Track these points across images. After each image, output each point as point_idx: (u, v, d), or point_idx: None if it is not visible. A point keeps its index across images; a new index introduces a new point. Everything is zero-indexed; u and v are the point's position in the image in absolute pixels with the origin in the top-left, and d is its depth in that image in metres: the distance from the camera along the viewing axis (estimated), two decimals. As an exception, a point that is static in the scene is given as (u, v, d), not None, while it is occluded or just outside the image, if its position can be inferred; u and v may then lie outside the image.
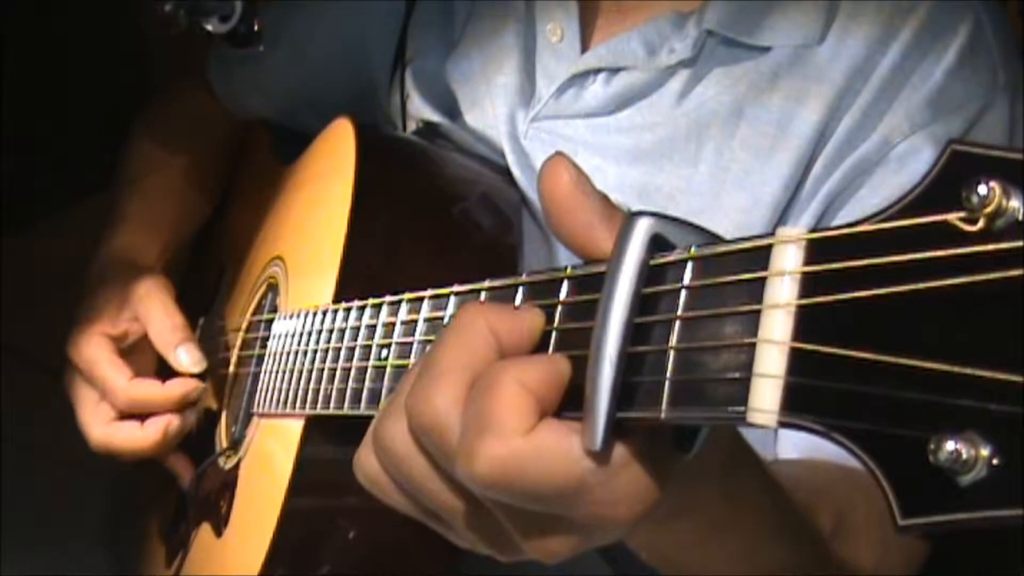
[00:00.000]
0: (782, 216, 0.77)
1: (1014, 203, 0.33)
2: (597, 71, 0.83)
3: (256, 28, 0.76)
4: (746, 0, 0.78)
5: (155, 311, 0.90)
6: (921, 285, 0.34)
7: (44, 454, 1.02)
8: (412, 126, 0.93)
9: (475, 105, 0.89)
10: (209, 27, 0.75)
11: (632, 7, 0.83)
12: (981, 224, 0.34)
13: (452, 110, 0.91)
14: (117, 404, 0.87)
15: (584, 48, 0.85)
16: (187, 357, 0.88)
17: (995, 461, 0.33)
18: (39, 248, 1.22)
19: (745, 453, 0.52)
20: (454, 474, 0.43)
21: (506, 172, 0.84)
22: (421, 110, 0.91)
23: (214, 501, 0.83)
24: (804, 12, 0.77)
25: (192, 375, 0.88)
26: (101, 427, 0.88)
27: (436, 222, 0.79)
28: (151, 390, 0.87)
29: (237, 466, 0.81)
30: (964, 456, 0.33)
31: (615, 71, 0.83)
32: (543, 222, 0.82)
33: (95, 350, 0.88)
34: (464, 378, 0.43)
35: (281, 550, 0.72)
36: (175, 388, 0.87)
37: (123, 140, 1.08)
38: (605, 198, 0.46)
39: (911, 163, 0.73)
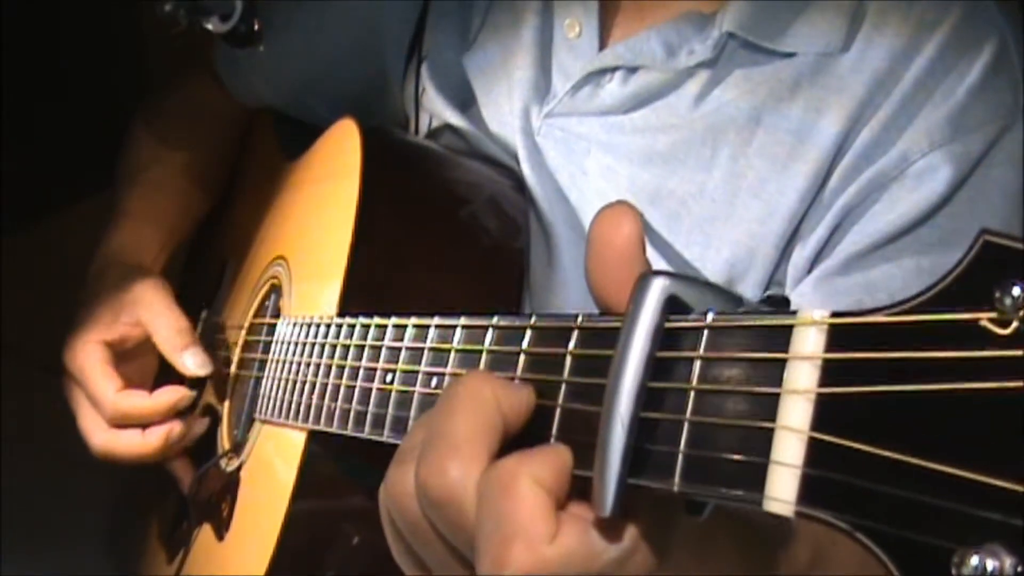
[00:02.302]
0: (797, 229, 0.76)
1: (1048, 302, 0.32)
2: (614, 69, 0.81)
3: (256, 27, 0.75)
4: (769, 2, 0.76)
5: (159, 315, 0.88)
6: (947, 386, 0.33)
7: (44, 454, 1.02)
8: (425, 119, 0.91)
9: (491, 100, 0.87)
10: (209, 26, 0.73)
11: (652, 6, 0.81)
12: (1015, 327, 0.32)
13: (467, 104, 0.89)
14: (105, 416, 0.85)
15: (602, 46, 0.83)
16: (193, 361, 0.87)
17: (1020, 568, 0.32)
18: (39, 248, 1.21)
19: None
20: (466, 545, 0.43)
21: (515, 176, 0.83)
22: (435, 103, 0.89)
23: (215, 503, 0.82)
24: (828, 19, 0.75)
25: (192, 381, 0.87)
26: (102, 434, 0.86)
27: (443, 228, 0.77)
28: (139, 402, 0.85)
29: (239, 469, 0.81)
30: (989, 570, 0.32)
31: (632, 70, 0.81)
32: (547, 221, 0.81)
33: (87, 359, 0.86)
34: (481, 451, 0.43)
35: (285, 557, 0.72)
36: (163, 398, 0.86)
37: (123, 140, 1.06)
38: (648, 262, 0.45)
39: (928, 181, 0.71)
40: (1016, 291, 0.32)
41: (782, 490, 0.37)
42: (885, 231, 0.72)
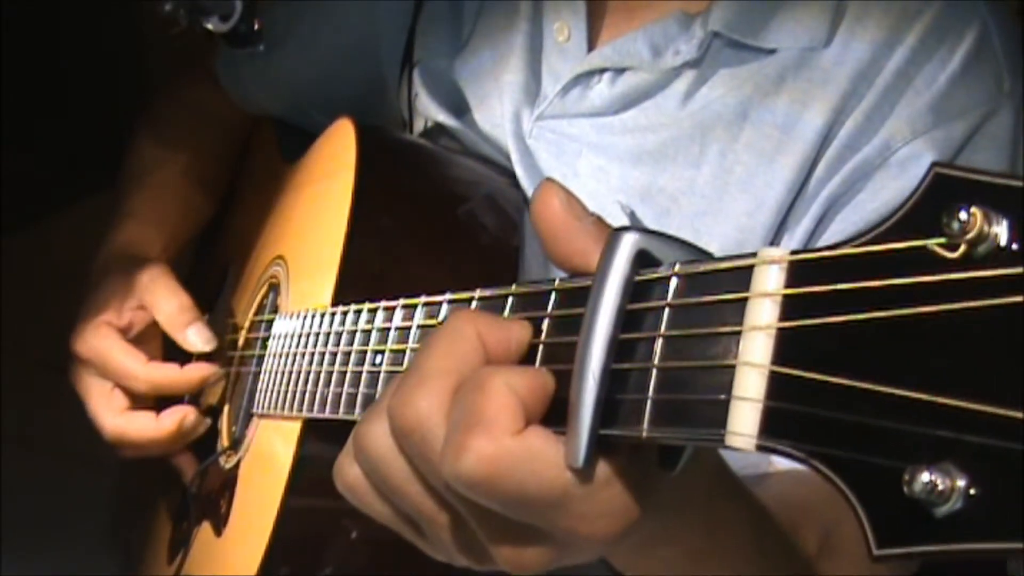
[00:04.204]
0: (784, 220, 0.77)
1: (996, 229, 0.33)
2: (602, 71, 0.83)
3: (256, 28, 0.76)
4: (752, 1, 0.77)
5: (162, 295, 0.90)
6: (898, 312, 0.34)
7: (46, 453, 1.03)
8: (420, 123, 0.93)
9: (483, 103, 0.89)
10: (209, 26, 0.75)
11: (639, 8, 0.83)
12: (962, 250, 0.33)
13: (460, 108, 0.91)
14: (138, 388, 0.87)
15: (591, 48, 0.85)
16: (197, 337, 0.88)
17: (972, 491, 0.32)
18: (39, 248, 1.22)
19: (730, 484, 0.52)
20: (435, 476, 0.43)
21: (509, 173, 0.84)
22: (428, 108, 0.91)
23: (214, 500, 0.83)
24: (810, 14, 0.76)
25: (205, 357, 0.88)
26: (114, 417, 0.87)
27: (436, 224, 0.78)
28: (171, 373, 0.87)
29: (237, 466, 0.82)
30: (940, 487, 0.32)
31: (620, 71, 0.82)
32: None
33: (104, 340, 0.88)
34: (449, 382, 0.43)
35: (279, 551, 0.72)
36: (195, 371, 0.87)
37: (123, 139, 1.08)
38: (599, 220, 0.46)
39: (912, 168, 0.72)
40: (963, 215, 0.33)
41: (744, 424, 0.37)
42: (870, 219, 0.73)
